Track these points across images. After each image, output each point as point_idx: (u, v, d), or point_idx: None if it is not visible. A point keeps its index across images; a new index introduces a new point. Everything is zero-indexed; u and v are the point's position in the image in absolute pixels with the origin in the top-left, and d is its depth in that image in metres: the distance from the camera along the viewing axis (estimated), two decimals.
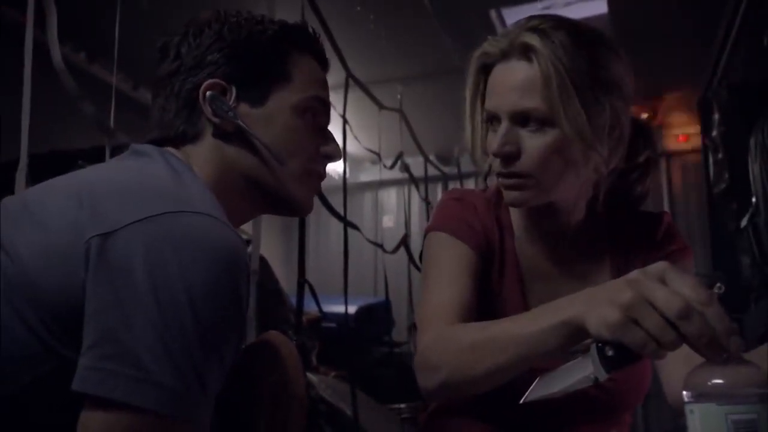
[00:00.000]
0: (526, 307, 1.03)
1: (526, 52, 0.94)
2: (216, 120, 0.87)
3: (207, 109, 0.86)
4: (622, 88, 0.97)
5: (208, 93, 0.86)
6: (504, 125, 0.96)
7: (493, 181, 1.10)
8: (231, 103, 0.87)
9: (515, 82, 0.95)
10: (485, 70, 1.01)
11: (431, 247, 1.06)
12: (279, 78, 0.90)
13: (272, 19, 0.93)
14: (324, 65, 0.98)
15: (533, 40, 0.93)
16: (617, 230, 1.10)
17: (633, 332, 0.65)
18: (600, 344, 0.69)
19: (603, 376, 0.69)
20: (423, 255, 1.09)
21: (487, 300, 1.03)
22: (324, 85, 0.96)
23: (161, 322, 0.65)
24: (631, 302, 0.66)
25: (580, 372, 0.71)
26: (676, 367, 0.95)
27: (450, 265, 1.02)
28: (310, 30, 0.97)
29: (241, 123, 0.87)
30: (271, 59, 0.90)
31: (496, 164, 0.98)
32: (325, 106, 0.95)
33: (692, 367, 0.67)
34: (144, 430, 0.65)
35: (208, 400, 0.69)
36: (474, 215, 1.07)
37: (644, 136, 1.06)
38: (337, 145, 0.97)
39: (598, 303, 0.69)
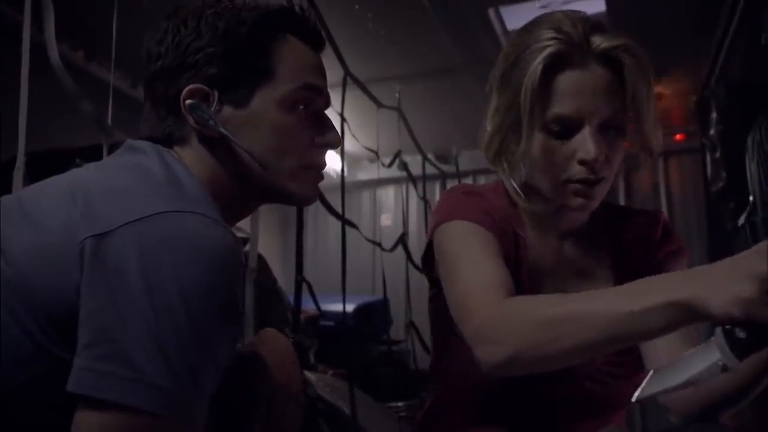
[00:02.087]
0: None
1: (606, 58, 0.94)
2: (198, 127, 0.84)
3: (189, 117, 0.84)
4: None
5: (187, 102, 0.83)
6: (592, 131, 0.95)
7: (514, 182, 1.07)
8: (214, 107, 0.84)
9: (603, 87, 0.94)
10: (553, 72, 0.95)
11: (453, 234, 1.00)
12: (261, 74, 0.86)
13: (255, 5, 0.88)
14: (316, 45, 0.92)
15: (615, 45, 0.94)
16: (616, 229, 1.11)
17: None
18: (727, 327, 0.61)
19: (734, 363, 0.62)
20: (441, 245, 1.02)
21: None
22: (315, 69, 0.90)
23: (156, 322, 0.65)
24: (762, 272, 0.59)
25: (705, 361, 0.63)
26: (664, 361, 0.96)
27: (480, 247, 0.96)
28: (297, 10, 0.91)
29: (222, 131, 0.83)
30: (252, 55, 0.85)
31: (576, 170, 0.96)
32: (318, 92, 0.90)
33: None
34: (139, 430, 0.65)
35: (204, 400, 0.69)
36: (490, 207, 1.05)
37: None
38: (335, 131, 0.92)
39: (724, 279, 0.62)
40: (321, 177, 0.93)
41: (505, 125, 1.00)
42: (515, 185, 1.04)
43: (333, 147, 0.92)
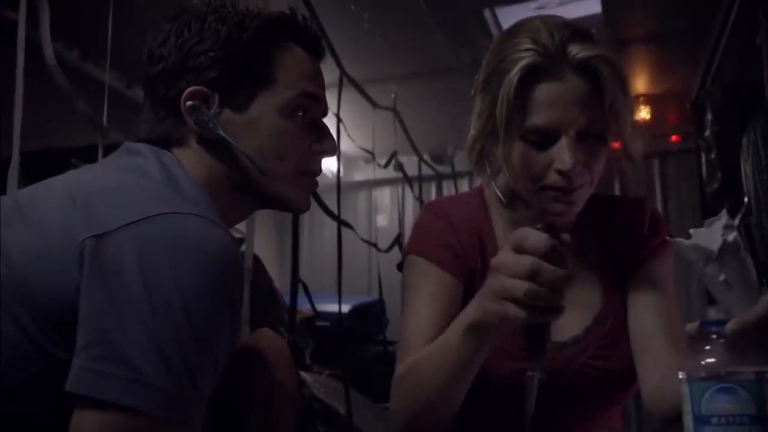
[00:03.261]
0: None
1: (583, 68, 0.94)
2: (198, 129, 0.85)
3: (189, 119, 0.84)
4: None
5: (188, 103, 0.84)
6: (569, 141, 0.95)
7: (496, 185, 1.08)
8: (214, 110, 0.85)
9: (580, 98, 0.94)
10: (529, 82, 0.96)
11: (409, 272, 1.08)
12: (262, 80, 0.86)
13: (258, 11, 0.89)
14: (318, 53, 0.94)
15: (592, 55, 0.94)
16: (603, 223, 1.10)
17: (514, 310, 0.71)
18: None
19: (537, 358, 0.75)
20: (402, 278, 1.09)
21: None
22: (314, 78, 0.91)
23: (154, 323, 0.66)
24: (496, 287, 0.73)
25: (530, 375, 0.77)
26: (654, 373, 0.96)
27: (425, 293, 1.03)
28: (300, 18, 0.92)
29: (222, 133, 0.84)
30: (253, 61, 0.86)
31: (554, 179, 0.96)
32: (317, 100, 0.91)
33: (671, 374, 0.69)
34: (137, 430, 0.65)
35: (201, 401, 0.69)
36: (450, 232, 1.06)
37: None
38: (332, 139, 0.93)
39: (484, 299, 0.75)
40: (315, 184, 0.94)
41: (486, 131, 1.00)
42: (497, 190, 1.06)
43: (329, 155, 0.93)
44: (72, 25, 2.64)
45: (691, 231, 0.78)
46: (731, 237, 0.75)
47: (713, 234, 0.76)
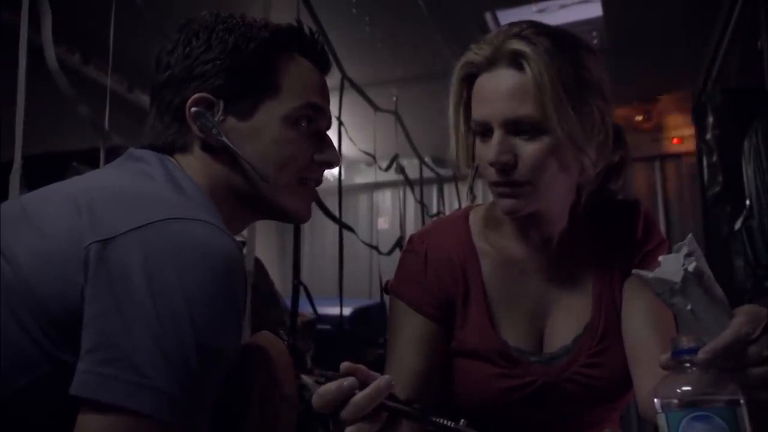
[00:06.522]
0: (495, 330, 1.03)
1: (514, 59, 0.94)
2: (202, 135, 0.86)
3: (193, 125, 0.85)
4: (603, 89, 0.98)
5: (192, 109, 0.85)
6: (497, 134, 0.94)
7: (480, 190, 1.08)
8: (218, 117, 0.86)
9: (506, 90, 0.94)
10: (469, 79, 1.00)
11: (391, 311, 1.09)
12: (267, 90, 0.87)
13: (266, 23, 0.91)
14: (323, 66, 0.95)
15: (522, 46, 0.93)
16: (598, 230, 1.08)
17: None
18: None
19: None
20: (388, 315, 1.10)
21: (457, 339, 1.04)
22: (320, 89, 0.93)
23: (159, 328, 0.66)
24: None
25: None
26: (648, 380, 0.95)
27: (406, 337, 1.04)
28: (306, 31, 0.94)
29: (225, 140, 0.85)
30: (259, 71, 0.87)
31: (491, 174, 0.96)
32: (321, 111, 0.92)
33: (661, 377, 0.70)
34: None
35: (206, 406, 0.70)
36: (425, 270, 1.06)
37: (617, 136, 1.04)
38: (335, 150, 0.94)
39: None
40: (316, 194, 0.95)
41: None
42: (472, 191, 1.07)
43: (331, 166, 0.94)
44: (74, 29, 2.65)
45: (660, 258, 0.77)
46: (692, 267, 0.73)
47: (678, 263, 0.74)
